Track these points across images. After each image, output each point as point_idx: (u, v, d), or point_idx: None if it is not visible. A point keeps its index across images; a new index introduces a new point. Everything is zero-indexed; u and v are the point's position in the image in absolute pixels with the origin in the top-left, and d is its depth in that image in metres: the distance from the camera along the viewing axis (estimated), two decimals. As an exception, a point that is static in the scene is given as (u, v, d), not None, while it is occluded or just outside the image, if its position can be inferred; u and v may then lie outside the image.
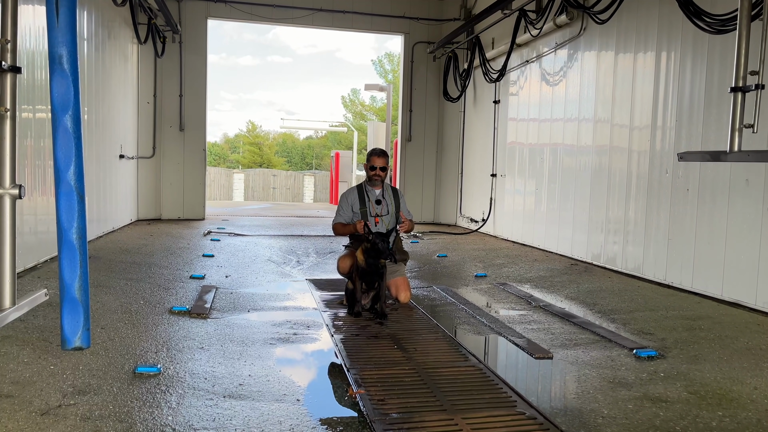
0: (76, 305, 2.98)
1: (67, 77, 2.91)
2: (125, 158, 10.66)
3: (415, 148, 13.57)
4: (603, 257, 7.70)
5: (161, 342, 4.15)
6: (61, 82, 2.91)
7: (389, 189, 5.83)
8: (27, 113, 6.10)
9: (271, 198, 34.53)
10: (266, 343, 4.32)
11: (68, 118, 2.91)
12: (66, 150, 2.95)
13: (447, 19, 13.05)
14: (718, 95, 5.82)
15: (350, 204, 5.71)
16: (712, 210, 5.91)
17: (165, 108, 12.28)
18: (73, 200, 2.95)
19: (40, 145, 6.42)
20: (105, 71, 9.44)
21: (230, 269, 7.24)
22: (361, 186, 5.82)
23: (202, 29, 12.39)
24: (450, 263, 8.15)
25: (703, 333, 4.70)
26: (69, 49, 2.92)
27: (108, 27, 9.53)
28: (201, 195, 12.70)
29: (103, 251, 7.77)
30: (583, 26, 8.23)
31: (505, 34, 10.44)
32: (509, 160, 10.62)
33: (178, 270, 6.91)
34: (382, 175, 5.66)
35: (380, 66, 45.64)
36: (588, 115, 8.15)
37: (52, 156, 3.04)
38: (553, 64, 9.13)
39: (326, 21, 12.88)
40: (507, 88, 10.74)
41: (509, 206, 10.59)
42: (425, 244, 10.02)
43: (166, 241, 9.14)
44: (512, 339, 4.59)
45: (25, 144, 6.05)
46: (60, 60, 2.90)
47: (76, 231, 2.99)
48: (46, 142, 6.52)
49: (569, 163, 8.58)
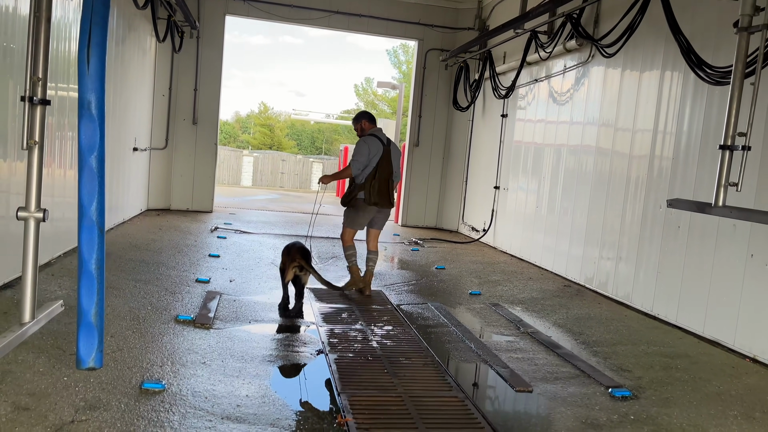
0: (91, 329, 3.25)
1: (95, 121, 3.16)
2: (138, 151, 10.93)
3: (423, 153, 13.79)
4: (595, 281, 7.94)
5: (166, 354, 4.44)
6: (89, 125, 3.16)
7: None
8: (50, 90, 6.29)
9: (279, 183, 34.81)
10: (264, 361, 4.60)
11: (93, 158, 3.16)
12: (90, 187, 3.21)
13: (461, 28, 13.21)
14: (714, 141, 6.02)
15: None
16: (701, 249, 6.13)
17: (179, 101, 12.53)
18: (94, 234, 3.21)
19: (62, 122, 6.69)
20: (124, 66, 9.69)
21: (234, 272, 7.52)
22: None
23: (220, 26, 12.62)
24: (447, 277, 8.41)
25: (678, 373, 4.94)
26: (98, 96, 3.17)
27: (128, 21, 9.77)
28: (210, 188, 12.98)
29: (114, 246, 8.06)
30: (591, 54, 8.41)
31: (516, 50, 10.61)
32: (512, 174, 10.84)
33: (185, 271, 7.19)
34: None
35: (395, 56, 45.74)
36: (590, 142, 8.35)
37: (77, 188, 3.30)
38: (561, 85, 9.32)
39: (342, 23, 13.06)
40: (515, 103, 10.93)
41: (510, 220, 10.82)
42: (425, 252, 10.28)
43: (174, 236, 9.43)
44: (497, 369, 4.85)
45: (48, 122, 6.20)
46: (89, 106, 3.16)
47: (95, 262, 3.25)
48: (68, 120, 6.75)
49: (570, 187, 8.79)
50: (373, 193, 6.70)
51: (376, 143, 6.80)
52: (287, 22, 13.03)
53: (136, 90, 10.65)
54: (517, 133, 10.76)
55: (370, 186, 6.70)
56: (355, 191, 6.82)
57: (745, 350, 5.45)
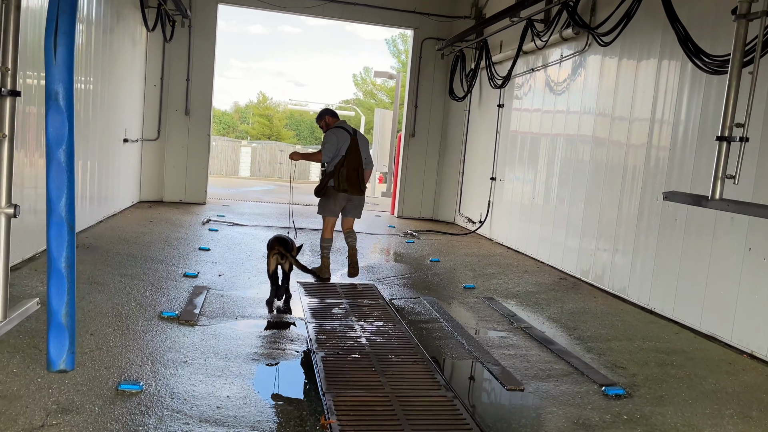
0: (62, 330, 3.12)
1: (63, 113, 3.02)
2: (129, 142, 10.78)
3: (419, 143, 13.63)
4: (591, 274, 7.82)
5: (147, 353, 4.31)
6: (57, 117, 3.02)
7: None
8: (31, 80, 6.15)
9: (277, 174, 34.71)
10: (249, 359, 4.48)
11: (62, 152, 3.02)
12: (58, 182, 3.07)
13: (458, 16, 13.00)
14: (712, 132, 5.87)
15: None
16: (698, 242, 6.00)
17: (171, 91, 12.35)
18: (63, 231, 3.07)
19: (43, 112, 6.48)
20: (113, 55, 9.52)
21: (224, 266, 7.39)
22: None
23: (212, 14, 12.42)
24: (441, 270, 8.29)
25: (674, 370, 4.83)
26: (65, 86, 3.02)
27: (117, 10, 9.59)
28: (203, 179, 12.83)
29: (102, 239, 7.94)
30: (588, 42, 8.24)
31: (512, 39, 10.43)
32: (509, 165, 10.69)
33: (173, 266, 7.07)
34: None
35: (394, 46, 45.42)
36: (587, 131, 8.20)
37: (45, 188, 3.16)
38: (557, 74, 9.15)
39: (336, 12, 12.87)
40: (512, 92, 10.77)
41: (506, 211, 10.68)
42: (420, 245, 10.15)
43: (164, 229, 9.30)
44: (488, 366, 4.74)
45: (27, 111, 6.09)
46: (56, 96, 3.01)
47: (65, 260, 3.12)
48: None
49: (566, 178, 8.65)
50: (342, 180, 6.99)
51: (342, 134, 7.10)
52: (281, 11, 12.83)
53: (126, 80, 10.48)
54: (513, 123, 10.61)
55: (338, 173, 6.99)
56: (326, 179, 7.09)
57: (742, 345, 5.33)
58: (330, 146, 7.02)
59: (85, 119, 8.37)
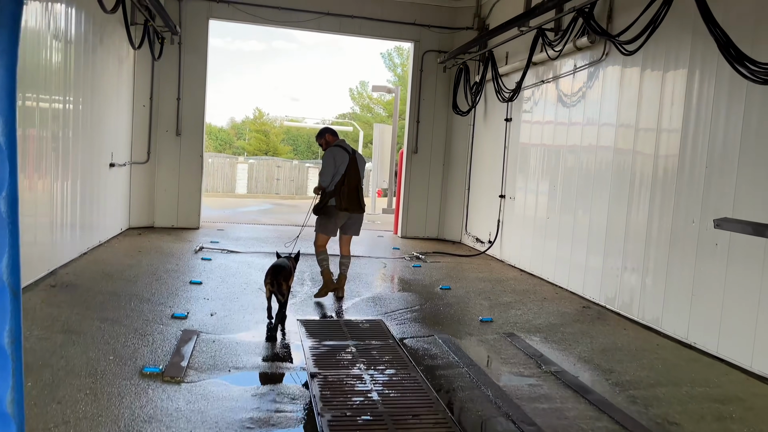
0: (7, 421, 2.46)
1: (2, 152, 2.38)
2: (116, 166, 10.16)
3: (422, 160, 13.03)
4: (618, 301, 7.18)
5: (122, 426, 3.66)
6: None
7: None
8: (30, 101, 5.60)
9: (274, 190, 34.25)
10: (243, 428, 3.82)
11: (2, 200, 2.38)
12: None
13: (459, 27, 12.47)
14: (756, 148, 5.28)
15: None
16: (745, 270, 5.38)
17: (161, 111, 11.75)
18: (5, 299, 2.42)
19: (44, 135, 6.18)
20: (96, 76, 8.92)
21: (217, 302, 6.75)
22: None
23: (203, 30, 11.85)
24: (453, 299, 7.64)
25: (735, 425, 4.18)
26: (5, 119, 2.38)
27: (100, 27, 9.00)
28: (196, 203, 12.19)
29: (84, 275, 7.29)
30: (606, 51, 7.66)
31: (520, 50, 9.87)
32: (519, 182, 10.09)
33: (161, 305, 6.41)
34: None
35: (389, 59, 45.04)
36: (607, 142, 7.61)
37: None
38: (571, 86, 8.57)
39: (333, 26, 12.31)
40: (520, 106, 10.19)
41: (517, 231, 10.06)
42: (428, 269, 9.51)
43: (154, 260, 8.66)
44: (521, 426, 4.08)
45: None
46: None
47: (8, 334, 2.46)
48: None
49: (586, 191, 8.04)
50: (344, 198, 7.05)
51: (341, 152, 7.14)
52: (274, 25, 12.27)
53: (112, 101, 9.88)
54: (523, 136, 10.01)
55: (339, 192, 7.05)
56: (326, 199, 7.12)
57: (805, 390, 4.70)
58: (328, 168, 7.09)
59: (65, 143, 7.77)
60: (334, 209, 7.06)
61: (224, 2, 11.78)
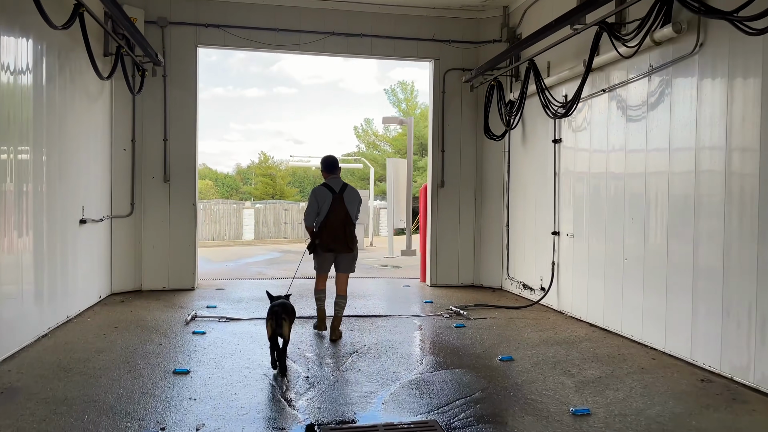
0: None
1: None
2: (89, 222, 8.42)
3: (450, 195, 11.24)
4: (755, 372, 5.26)
5: None
6: None
7: None
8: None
9: (282, 234, 32.88)
10: None
11: None
12: None
13: (485, 41, 10.87)
14: None
15: None
16: None
17: (146, 155, 10.10)
18: None
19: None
20: (58, 117, 7.27)
21: (207, 406, 4.88)
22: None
23: (191, 59, 10.26)
24: (522, 377, 5.73)
25: None
26: None
27: (64, 55, 7.39)
28: (191, 259, 10.41)
29: (31, 372, 5.48)
30: (700, 41, 5.91)
31: (567, 56, 8.22)
32: (577, 214, 8.26)
33: (127, 418, 4.55)
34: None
35: (393, 95, 43.87)
36: (714, 166, 5.80)
37: None
38: (644, 92, 6.82)
39: (340, 47, 10.71)
40: (570, 124, 8.45)
41: (581, 275, 8.18)
42: (474, 329, 7.63)
43: (131, 340, 6.83)
44: None
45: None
46: None
47: None
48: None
49: (683, 232, 6.18)
50: (326, 238, 7.04)
51: (322, 192, 7.10)
52: (272, 50, 10.64)
53: (81, 147, 8.20)
54: (580, 163, 8.23)
55: (321, 233, 7.05)
56: (314, 238, 7.11)
57: None
58: (309, 208, 7.07)
59: (17, 200, 6.08)
60: (320, 249, 7.10)
61: (214, 26, 10.22)
